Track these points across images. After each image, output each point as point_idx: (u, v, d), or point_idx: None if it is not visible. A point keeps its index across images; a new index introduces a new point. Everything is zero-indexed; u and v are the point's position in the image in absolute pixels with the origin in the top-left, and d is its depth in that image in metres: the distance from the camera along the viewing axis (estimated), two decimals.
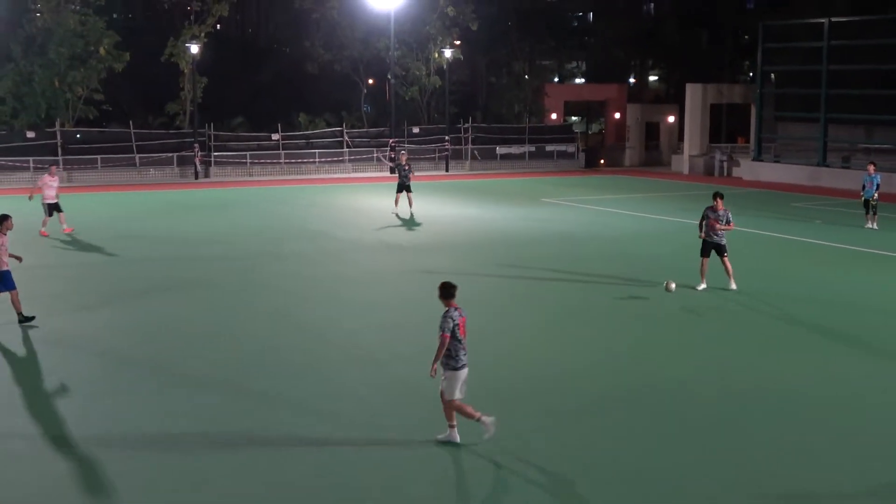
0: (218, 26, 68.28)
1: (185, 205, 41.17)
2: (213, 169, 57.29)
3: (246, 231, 32.31)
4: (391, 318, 19.27)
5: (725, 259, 22.13)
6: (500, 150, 65.01)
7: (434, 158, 62.77)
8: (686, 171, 60.39)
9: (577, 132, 72.26)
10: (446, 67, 63.19)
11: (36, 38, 57.57)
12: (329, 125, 64.98)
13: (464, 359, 12.16)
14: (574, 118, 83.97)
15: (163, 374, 15.38)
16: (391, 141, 59.50)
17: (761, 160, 56.97)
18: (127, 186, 50.82)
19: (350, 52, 66.85)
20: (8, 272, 18.29)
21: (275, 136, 60.96)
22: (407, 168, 37.87)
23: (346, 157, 61.13)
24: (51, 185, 30.59)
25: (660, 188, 49.17)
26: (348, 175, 58.60)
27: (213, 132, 59.65)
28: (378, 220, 35.34)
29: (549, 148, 66.09)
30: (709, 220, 22.23)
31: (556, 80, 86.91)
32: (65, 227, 30.90)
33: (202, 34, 60.30)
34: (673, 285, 20.55)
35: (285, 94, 74.43)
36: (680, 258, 26.26)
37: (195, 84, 58.93)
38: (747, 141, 63.22)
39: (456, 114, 66.68)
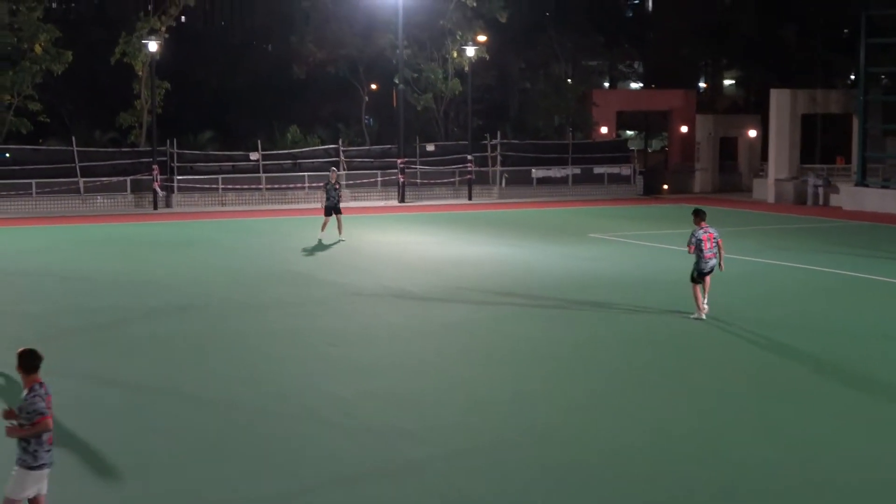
0: (182, 18, 68.41)
1: (140, 241, 40.88)
2: (175, 196, 57.18)
3: (215, 274, 32.02)
4: (393, 386, 18.79)
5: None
6: (536, 172, 64.78)
7: (454, 184, 62.56)
8: (771, 198, 59.95)
9: (633, 150, 71.92)
10: (468, 69, 63.00)
11: None
12: (322, 142, 64.92)
13: (45, 457, 11.13)
14: (629, 133, 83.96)
15: (96, 458, 14.95)
16: (400, 162, 59.29)
17: (866, 185, 56.50)
18: (68, 218, 50.69)
19: (348, 51, 66.92)
20: None
21: (254, 156, 60.79)
22: (337, 187, 40.97)
23: (343, 182, 60.87)
24: None
25: (738, 220, 48.70)
26: (345, 204, 58.26)
27: (176, 150, 59.50)
28: (381, 261, 34.98)
29: (597, 170, 65.81)
30: (701, 243, 24.50)
31: (607, 84, 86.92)
32: None
33: (162, 28, 60.36)
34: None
35: (267, 103, 74.57)
36: (762, 306, 25.75)
37: (154, 90, 58.93)
38: (848, 161, 62.83)
39: (481, 127, 66.55)
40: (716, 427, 16.57)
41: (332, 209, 40.36)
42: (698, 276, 24.44)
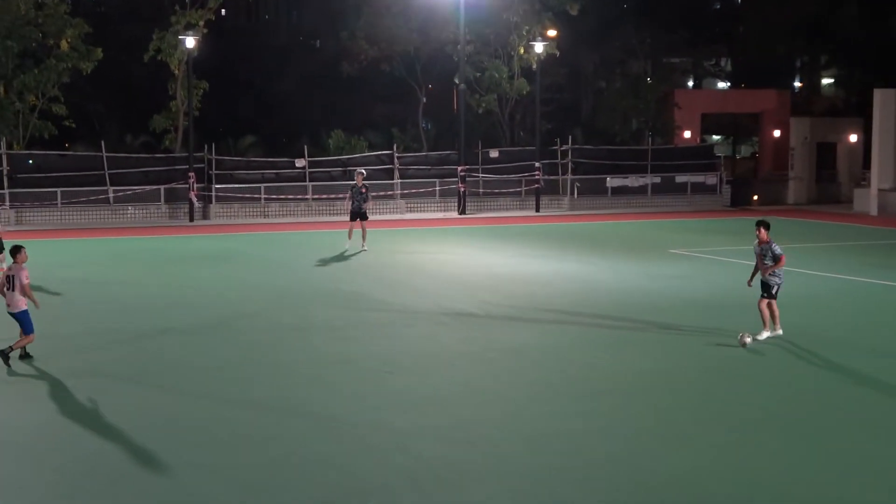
0: (222, 12, 68.88)
1: (175, 256, 41.19)
2: (213, 207, 57.54)
3: (257, 293, 32.10)
4: (451, 417, 18.71)
5: (774, 303, 24.43)
6: (611, 181, 64.70)
7: (520, 193, 62.53)
8: (874, 211, 59.46)
9: (719, 157, 71.56)
10: (536, 68, 62.88)
11: None
12: (373, 147, 64.98)
13: None
14: (716, 138, 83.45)
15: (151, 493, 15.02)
16: (460, 169, 59.27)
17: None
18: (96, 231, 51.11)
19: (403, 48, 67.03)
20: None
21: (299, 163, 61.01)
22: (364, 192, 41.55)
23: (398, 191, 61.00)
24: None
25: (838, 235, 48.34)
26: (400, 216, 58.45)
27: (214, 157, 59.85)
28: (439, 279, 34.95)
29: (679, 179, 65.61)
30: (756, 258, 24.89)
31: (691, 84, 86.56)
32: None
33: (201, 23, 60.59)
34: (748, 339, 21.64)
35: (314, 105, 74.77)
36: (860, 330, 25.45)
37: (191, 91, 59.20)
38: None
39: (550, 131, 66.53)
40: (818, 473, 16.32)
41: (357, 215, 41.36)
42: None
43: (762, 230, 24.66)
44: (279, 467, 16.08)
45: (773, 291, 24.44)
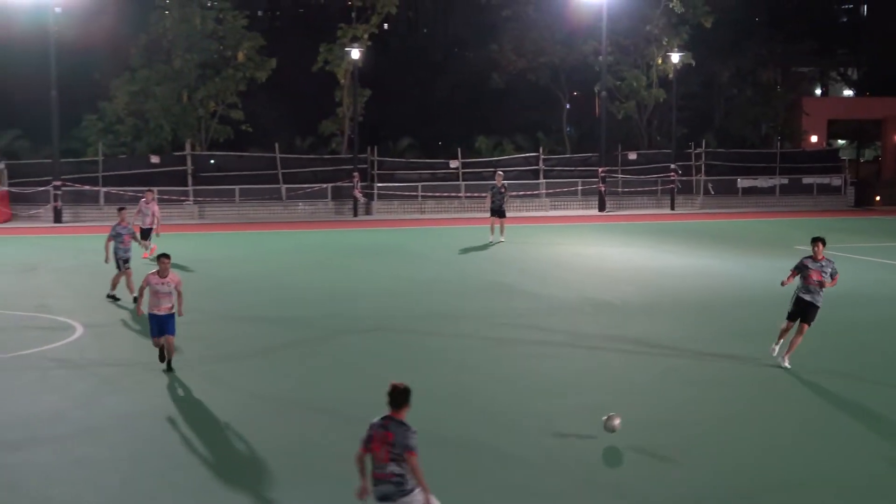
0: (385, 26, 69.47)
1: (341, 248, 41.80)
2: (375, 203, 58.11)
3: (415, 284, 32.52)
4: (590, 400, 18.76)
5: (806, 328, 21.19)
6: (741, 182, 63.99)
7: (656, 193, 62.16)
8: None
9: (844, 160, 70.41)
10: (672, 77, 62.50)
11: (160, 41, 59.47)
12: (520, 150, 65.13)
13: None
14: (841, 142, 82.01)
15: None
16: (600, 170, 59.22)
17: None
18: (270, 224, 51.95)
19: (549, 59, 66.91)
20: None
21: (453, 164, 61.36)
22: (503, 191, 41.78)
23: (543, 191, 61.05)
24: (144, 213, 35.02)
25: None
26: (545, 213, 58.53)
27: (376, 158, 60.47)
28: (582, 272, 34.99)
29: (806, 180, 64.67)
30: (808, 272, 21.39)
31: (818, 92, 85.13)
32: (145, 252, 34.17)
33: (365, 36, 61.17)
34: (616, 422, 16.12)
35: (466, 111, 74.98)
36: None
37: (356, 98, 59.84)
38: None
39: (685, 136, 65.95)
40: None
41: (497, 212, 41.64)
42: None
43: (819, 246, 21.72)
44: (439, 453, 16.14)
45: (813, 317, 21.25)
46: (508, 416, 17.85)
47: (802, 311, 21.24)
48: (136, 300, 23.42)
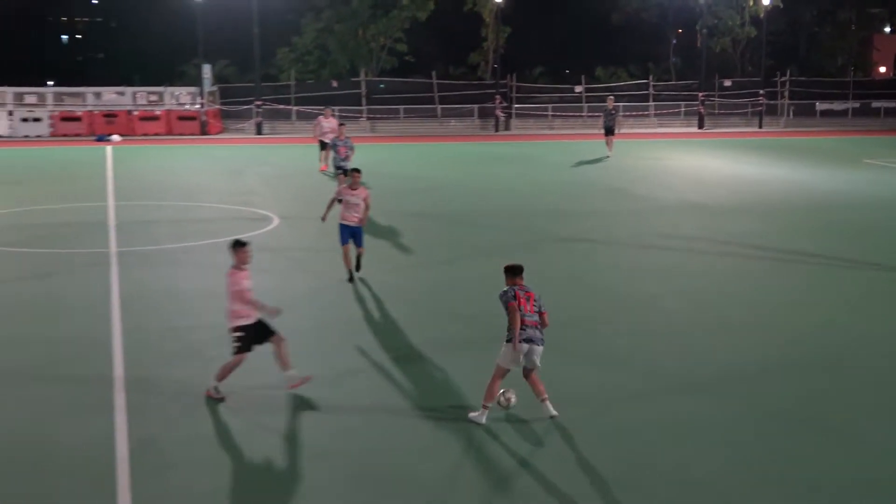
0: None
1: (486, 157, 41.81)
2: (513, 121, 57.89)
3: (546, 185, 32.33)
4: (688, 284, 18.58)
5: None
6: (819, 105, 62.23)
7: (746, 114, 60.84)
8: None
9: None
10: (763, 16, 60.79)
11: None
12: (633, 77, 64.25)
13: (520, 335, 11.12)
14: None
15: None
16: (700, 95, 58.05)
17: None
18: (428, 138, 52.08)
19: (658, 1, 65.70)
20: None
21: (577, 89, 60.84)
22: (613, 112, 41.36)
23: (652, 112, 60.25)
24: (323, 126, 33.96)
25: None
26: (653, 131, 57.69)
27: (515, 83, 60.22)
28: (683, 178, 34.50)
29: (875, 104, 62.59)
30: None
31: (888, 30, 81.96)
32: (322, 164, 33.67)
33: None
34: (512, 398, 11.54)
35: (588, 44, 74.14)
36: None
37: (498, 34, 59.60)
38: None
39: (772, 66, 64.28)
40: None
41: (609, 130, 41.14)
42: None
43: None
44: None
45: None
46: (616, 293, 17.76)
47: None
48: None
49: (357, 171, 18.37)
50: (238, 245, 11.98)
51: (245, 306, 11.81)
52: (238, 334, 11.75)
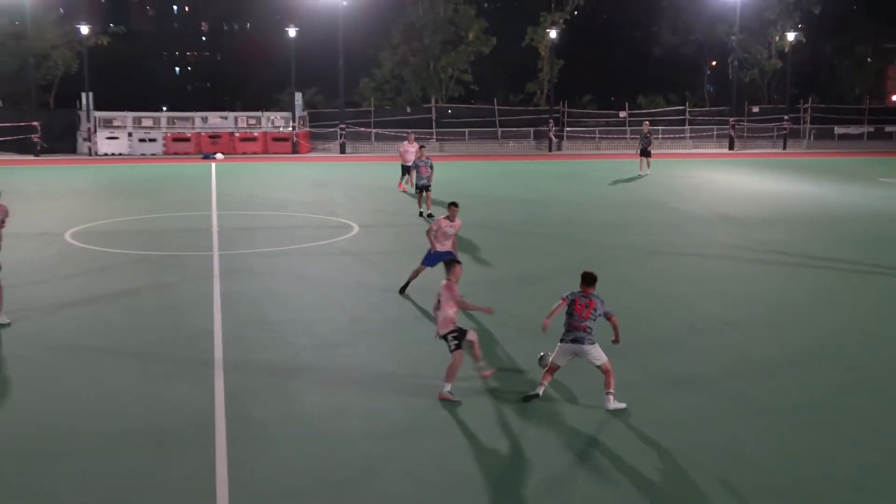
0: (575, 13, 68.43)
1: (542, 174, 41.70)
2: (564, 143, 57.68)
3: (591, 199, 32.17)
4: (721, 287, 18.32)
5: None
6: (838, 130, 61.22)
7: (772, 137, 60.08)
8: None
9: None
10: (787, 51, 60.17)
11: (414, 25, 60.18)
12: (671, 104, 63.84)
13: (565, 336, 11.20)
14: None
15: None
16: (731, 120, 57.40)
17: None
18: (489, 157, 52.01)
19: (695, 37, 65.37)
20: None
21: (622, 114, 60.58)
22: (648, 136, 40.50)
23: (687, 135, 59.75)
24: (409, 151, 32.03)
25: None
26: (688, 150, 57.13)
27: (566, 109, 60.11)
28: (713, 193, 34.09)
29: (888, 129, 61.46)
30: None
31: None
32: (403, 186, 32.43)
33: (560, 21, 60.68)
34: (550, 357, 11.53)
35: (632, 75, 73.79)
36: None
37: (552, 66, 59.60)
38: None
39: (795, 95, 63.47)
40: None
41: (644, 152, 40.35)
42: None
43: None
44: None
45: None
46: (658, 295, 17.55)
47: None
48: (429, 216, 25.18)
49: (455, 204, 16.94)
50: (454, 263, 12.03)
51: (462, 310, 12.25)
52: (455, 335, 11.65)
